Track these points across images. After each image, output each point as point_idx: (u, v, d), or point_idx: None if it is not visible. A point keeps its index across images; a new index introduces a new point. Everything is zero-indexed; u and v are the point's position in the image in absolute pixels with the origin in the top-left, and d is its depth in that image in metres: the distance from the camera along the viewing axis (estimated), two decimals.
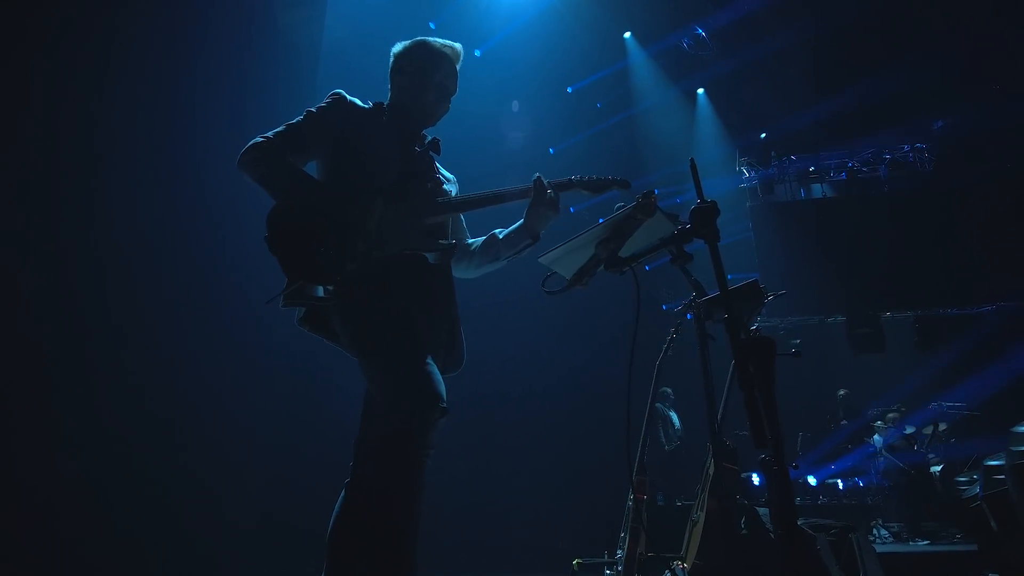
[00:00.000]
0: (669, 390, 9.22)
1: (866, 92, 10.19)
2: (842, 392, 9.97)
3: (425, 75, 2.46)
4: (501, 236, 2.49)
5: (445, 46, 2.51)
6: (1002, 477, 4.90)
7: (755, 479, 7.72)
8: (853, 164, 11.69)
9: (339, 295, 2.17)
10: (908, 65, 9.48)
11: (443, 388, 2.09)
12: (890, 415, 8.71)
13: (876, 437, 8.56)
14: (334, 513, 2.19)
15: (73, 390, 4.96)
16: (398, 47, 2.55)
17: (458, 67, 2.54)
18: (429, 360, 2.13)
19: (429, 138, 2.53)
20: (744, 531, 4.34)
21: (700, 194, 1.80)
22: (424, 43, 2.52)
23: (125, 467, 5.05)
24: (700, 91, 11.64)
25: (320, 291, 2.19)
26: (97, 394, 5.07)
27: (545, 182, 2.36)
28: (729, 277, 1.69)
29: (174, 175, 5.72)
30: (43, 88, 5.09)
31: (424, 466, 2.02)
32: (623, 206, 1.99)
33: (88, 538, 4.73)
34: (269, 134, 2.28)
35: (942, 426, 8.70)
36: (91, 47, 5.39)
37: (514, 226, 2.46)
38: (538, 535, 8.11)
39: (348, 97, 2.42)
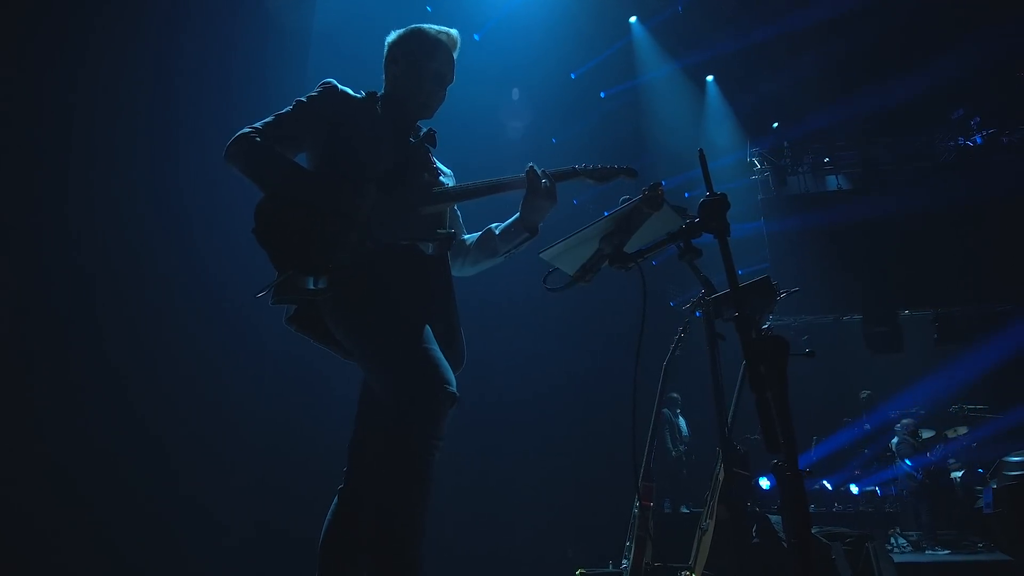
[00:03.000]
0: (677, 395, 9.23)
1: (883, 79, 10.18)
2: (865, 394, 9.96)
3: (420, 64, 2.46)
4: (497, 231, 2.49)
5: (441, 32, 2.51)
6: (1016, 473, 4.94)
7: (763, 483, 7.73)
8: (870, 154, 11.68)
9: (332, 287, 2.16)
10: (927, 52, 9.48)
11: (451, 374, 2.08)
12: (905, 420, 8.71)
13: (893, 440, 8.57)
14: (327, 520, 2.19)
15: (55, 392, 4.97)
16: (392, 36, 2.55)
17: (455, 55, 2.53)
18: (434, 346, 2.12)
19: (424, 130, 2.54)
20: (755, 539, 4.35)
21: (709, 186, 1.80)
22: (419, 31, 2.52)
23: (109, 472, 5.06)
24: (709, 78, 11.63)
25: (311, 284, 2.17)
26: (80, 396, 5.08)
27: (539, 171, 2.35)
28: (740, 273, 1.70)
29: (158, 167, 5.71)
30: (18, 75, 5.08)
31: (433, 460, 1.99)
32: (628, 199, 1.99)
33: (72, 546, 4.74)
34: (257, 124, 2.28)
35: (962, 430, 8.71)
36: (68, 31, 5.38)
37: (510, 220, 2.46)
38: (542, 543, 8.13)
39: (340, 87, 2.43)
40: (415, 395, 1.99)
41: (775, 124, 11.74)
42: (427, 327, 2.17)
